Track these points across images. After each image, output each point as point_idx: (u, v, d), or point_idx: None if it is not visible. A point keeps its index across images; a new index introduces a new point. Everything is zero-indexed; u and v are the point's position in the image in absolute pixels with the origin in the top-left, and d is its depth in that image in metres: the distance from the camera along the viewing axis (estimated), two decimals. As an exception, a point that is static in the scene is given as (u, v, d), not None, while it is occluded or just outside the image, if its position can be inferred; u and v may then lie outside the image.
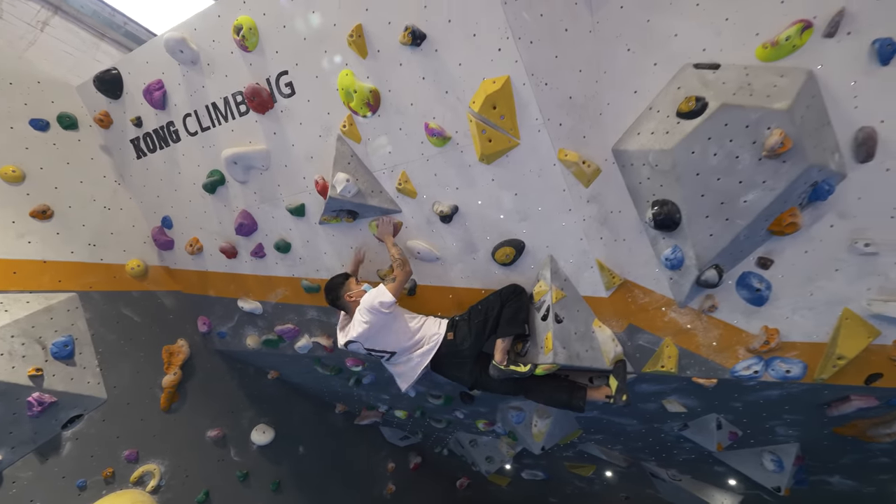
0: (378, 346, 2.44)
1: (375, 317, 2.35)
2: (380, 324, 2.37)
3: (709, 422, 2.96)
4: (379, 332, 2.40)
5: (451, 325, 2.48)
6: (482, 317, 2.41)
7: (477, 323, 2.40)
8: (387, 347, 2.44)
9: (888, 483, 3.28)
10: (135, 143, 3.27)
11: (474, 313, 2.45)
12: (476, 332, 2.39)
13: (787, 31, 1.97)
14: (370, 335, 2.39)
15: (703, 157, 2.04)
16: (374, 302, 2.34)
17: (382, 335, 2.41)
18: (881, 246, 2.05)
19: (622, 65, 2.25)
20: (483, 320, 2.40)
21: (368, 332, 2.37)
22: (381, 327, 2.38)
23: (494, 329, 2.40)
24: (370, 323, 2.35)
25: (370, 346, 2.44)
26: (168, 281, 3.57)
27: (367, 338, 2.40)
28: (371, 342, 2.43)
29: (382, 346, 2.44)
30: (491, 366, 2.35)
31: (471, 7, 2.15)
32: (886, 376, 2.15)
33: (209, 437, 3.55)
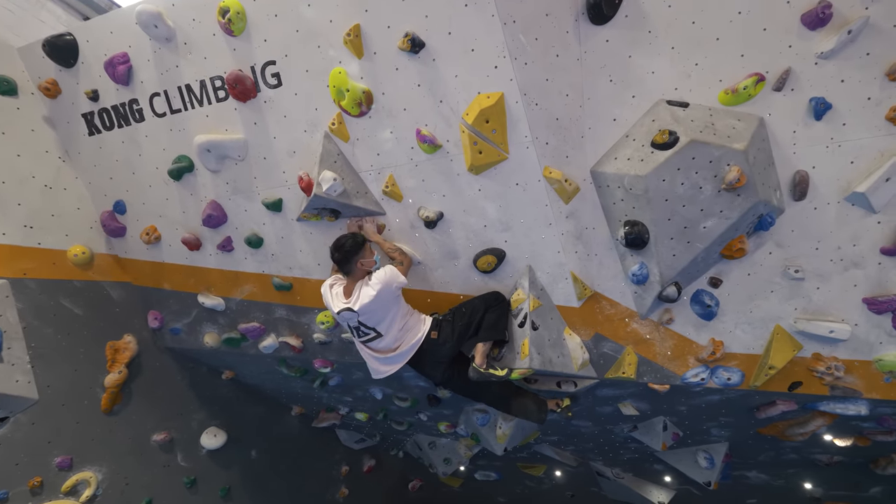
0: (371, 322, 2.39)
1: (386, 294, 2.34)
2: (386, 302, 2.35)
3: (656, 424, 3.26)
4: (380, 310, 2.37)
5: (436, 325, 2.50)
6: (466, 319, 2.47)
7: (461, 325, 2.46)
8: (378, 327, 2.40)
9: (793, 476, 3.79)
10: (88, 117, 2.98)
11: (458, 316, 2.51)
12: (459, 333, 2.45)
13: (745, 82, 2.26)
14: (372, 309, 2.35)
15: (672, 185, 2.27)
16: (393, 280, 2.34)
17: (381, 313, 2.38)
18: (807, 273, 2.39)
19: (604, 94, 2.44)
20: (467, 323, 2.47)
21: (371, 305, 2.33)
22: (384, 305, 2.36)
23: (476, 332, 2.48)
24: (378, 298, 2.32)
25: (365, 320, 2.38)
26: (116, 271, 3.26)
27: (368, 311, 2.35)
28: (368, 316, 2.38)
29: (375, 323, 2.40)
30: (471, 368, 2.42)
31: (472, 23, 2.22)
32: (805, 384, 2.51)
33: (154, 442, 3.28)
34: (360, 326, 2.43)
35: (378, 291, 2.33)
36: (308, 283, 2.99)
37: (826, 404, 2.60)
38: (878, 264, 2.33)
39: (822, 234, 2.35)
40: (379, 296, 2.33)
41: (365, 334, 2.45)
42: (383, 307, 2.37)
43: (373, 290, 2.33)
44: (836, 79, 2.19)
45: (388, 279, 2.35)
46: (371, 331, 2.43)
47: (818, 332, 2.40)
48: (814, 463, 3.49)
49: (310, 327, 3.10)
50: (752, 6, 2.21)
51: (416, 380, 3.38)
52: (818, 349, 2.47)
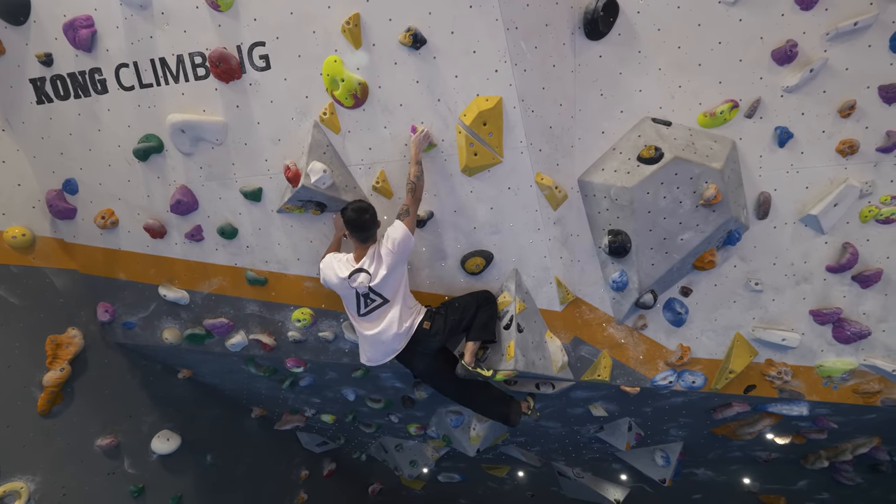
0: (381, 287, 2.30)
1: (402, 253, 2.27)
2: (401, 261, 2.29)
3: (622, 425, 3.43)
4: (394, 272, 2.29)
5: (429, 315, 2.45)
6: (458, 315, 2.45)
7: (452, 320, 2.44)
8: (386, 292, 2.32)
9: (734, 472, 4.13)
10: (37, 83, 2.66)
11: (451, 310, 2.47)
12: (450, 328, 2.42)
13: (721, 107, 2.44)
14: (388, 272, 2.27)
15: (655, 199, 2.40)
16: (408, 237, 2.26)
17: (393, 277, 2.30)
18: (765, 286, 2.63)
19: (595, 106, 2.54)
20: (459, 319, 2.45)
21: (388, 267, 2.25)
22: (398, 265, 2.30)
23: (466, 329, 2.47)
24: (395, 258, 2.25)
25: (375, 284, 2.28)
26: (61, 257, 2.92)
27: (380, 276, 2.27)
28: (380, 281, 2.28)
29: (385, 288, 2.31)
30: (459, 365, 2.41)
31: (475, 25, 2.23)
32: (759, 387, 2.75)
33: (99, 447, 2.96)
34: (369, 293, 2.31)
35: (396, 250, 2.24)
36: (285, 279, 2.85)
37: (774, 406, 2.86)
38: (824, 280, 2.60)
39: (779, 251, 2.58)
40: (396, 255, 2.25)
41: (371, 302, 2.33)
42: (398, 267, 2.30)
43: (391, 249, 2.25)
44: (798, 111, 2.43)
45: (404, 237, 2.25)
46: (378, 297, 2.32)
47: (772, 339, 2.63)
48: (754, 460, 3.83)
49: (284, 325, 2.95)
50: (731, 38, 2.39)
51: (392, 380, 3.32)
52: (771, 355, 2.71)
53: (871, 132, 2.42)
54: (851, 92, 2.38)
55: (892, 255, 2.52)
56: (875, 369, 2.63)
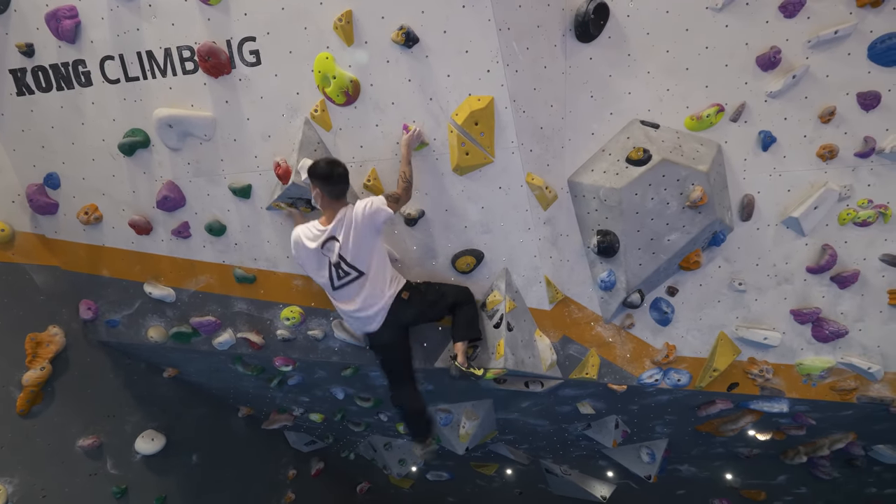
0: (353, 257, 2.22)
1: (373, 221, 2.19)
2: (372, 232, 2.21)
3: (609, 422, 3.48)
4: (365, 242, 2.21)
5: (409, 286, 2.41)
6: (434, 297, 2.44)
7: (429, 300, 2.42)
8: (359, 264, 2.23)
9: (717, 468, 4.22)
10: (17, 74, 2.59)
11: (429, 291, 2.46)
12: (425, 306, 2.40)
13: (708, 111, 2.50)
14: (357, 239, 2.19)
15: (643, 200, 2.44)
16: (381, 208, 2.18)
17: (365, 247, 2.22)
18: (748, 286, 2.69)
19: (585, 108, 2.57)
20: (433, 301, 2.43)
21: (357, 233, 2.18)
22: (369, 235, 2.21)
23: (436, 317, 2.47)
24: (366, 225, 2.18)
25: (346, 253, 2.20)
26: (42, 253, 2.84)
27: (352, 242, 2.19)
28: (351, 249, 2.20)
29: (357, 259, 2.22)
30: (452, 366, 2.41)
31: (468, 25, 2.24)
32: (741, 385, 2.82)
33: (80, 447, 2.89)
34: (340, 263, 2.21)
35: (367, 215, 2.17)
36: (274, 276, 2.82)
37: (755, 403, 2.94)
38: (804, 280, 2.68)
39: (762, 252, 2.65)
40: (367, 222, 2.17)
41: (345, 275, 2.24)
42: (369, 238, 2.21)
43: (360, 215, 2.17)
44: (780, 116, 2.50)
45: (377, 206, 2.18)
46: (352, 269, 2.23)
47: (754, 338, 2.70)
48: (736, 456, 3.93)
49: (272, 323, 2.93)
50: (718, 43, 2.45)
51: (381, 379, 3.31)
52: (753, 354, 2.78)
53: (849, 137, 2.49)
54: (831, 98, 2.46)
55: (869, 256, 2.61)
56: (852, 367, 2.71)
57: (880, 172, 2.52)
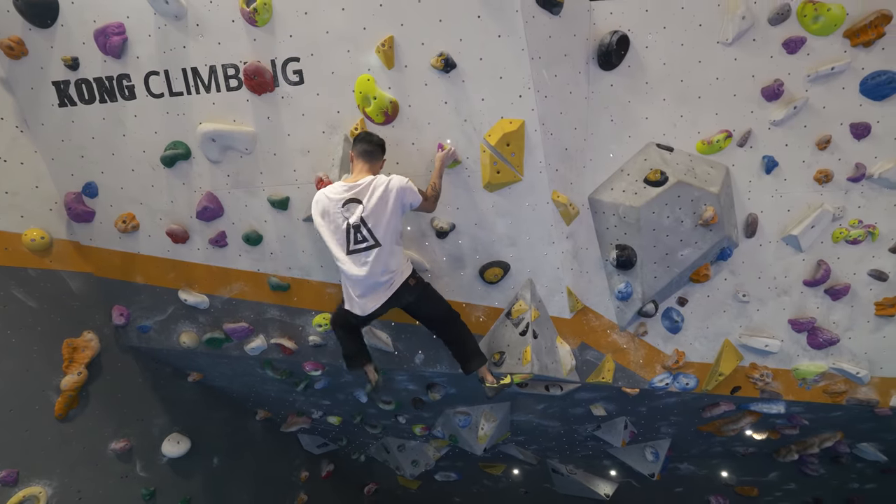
0: (373, 223, 2.21)
1: (400, 197, 2.22)
2: (396, 207, 2.23)
3: (618, 423, 3.68)
4: (388, 212, 2.22)
5: (415, 274, 2.45)
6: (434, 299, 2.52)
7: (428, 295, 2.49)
8: (378, 231, 2.22)
9: (714, 466, 4.47)
10: (61, 86, 2.65)
11: (431, 289, 2.53)
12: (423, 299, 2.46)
13: (717, 136, 2.71)
14: (380, 207, 2.20)
15: (660, 218, 2.64)
16: (411, 189, 2.24)
17: (387, 218, 2.22)
18: (751, 297, 2.92)
19: (605, 131, 2.77)
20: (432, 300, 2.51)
21: (381, 201, 2.20)
22: (394, 208, 2.23)
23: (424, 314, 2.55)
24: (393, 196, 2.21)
25: (369, 218, 2.20)
26: (77, 260, 2.89)
27: (376, 208, 2.20)
28: (372, 214, 2.20)
29: (376, 225, 2.21)
30: (486, 389, 2.54)
31: (502, 53, 2.41)
32: (743, 388, 3.04)
33: (112, 450, 2.94)
34: (360, 226, 2.20)
35: (400, 189, 2.20)
36: (307, 285, 2.94)
37: (755, 405, 3.17)
38: (801, 293, 2.92)
39: (764, 266, 2.88)
40: (398, 195, 2.20)
41: (362, 239, 2.22)
42: (393, 211, 2.22)
43: (395, 187, 2.20)
44: (782, 143, 2.73)
45: (412, 188, 2.24)
46: (370, 236, 2.21)
47: (756, 345, 2.93)
48: (733, 454, 4.18)
49: (304, 329, 3.03)
50: (727, 75, 2.67)
51: (405, 383, 3.45)
52: (754, 360, 3.01)
53: (843, 164, 2.74)
54: (828, 128, 2.70)
55: (858, 271, 2.86)
56: (842, 372, 2.97)
57: (869, 196, 2.77)
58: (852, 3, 2.56)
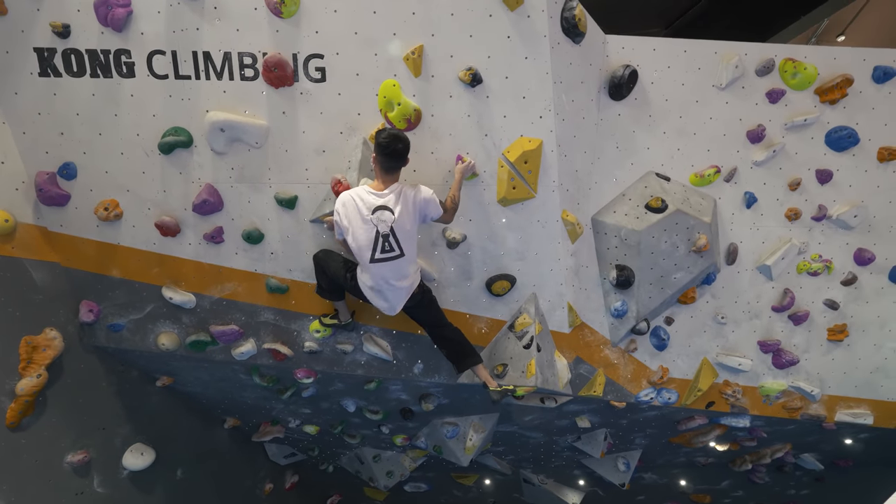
0: (401, 234, 2.23)
1: (426, 209, 2.27)
2: (418, 219, 2.28)
3: (598, 435, 3.83)
4: (412, 225, 2.26)
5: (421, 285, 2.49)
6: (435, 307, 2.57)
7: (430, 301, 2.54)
8: (403, 241, 2.25)
9: (674, 476, 4.77)
10: (45, 54, 2.37)
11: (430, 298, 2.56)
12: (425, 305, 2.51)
13: (708, 171, 2.96)
14: (409, 217, 2.23)
15: (658, 242, 2.83)
16: (436, 201, 2.29)
17: (411, 229, 2.26)
18: (728, 319, 3.19)
19: (611, 156, 2.93)
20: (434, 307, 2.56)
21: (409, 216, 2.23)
22: (415, 222, 2.27)
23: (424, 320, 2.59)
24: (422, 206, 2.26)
25: (398, 229, 2.21)
26: (43, 247, 2.57)
27: (405, 218, 2.22)
28: (401, 225, 2.21)
29: (402, 235, 2.24)
30: (491, 392, 2.56)
31: (528, 74, 2.49)
32: (717, 404, 3.30)
33: (68, 464, 2.60)
34: (389, 236, 2.21)
35: (426, 201, 2.25)
36: (307, 288, 2.81)
37: (725, 418, 3.44)
38: (769, 317, 3.23)
39: (740, 292, 3.16)
40: (422, 207, 2.25)
41: (389, 249, 2.23)
42: (415, 222, 2.27)
43: (421, 199, 2.24)
44: (761, 181, 3.04)
45: (436, 200, 2.28)
46: (395, 245, 2.23)
47: (730, 364, 3.20)
48: (693, 464, 4.48)
49: (299, 335, 2.89)
50: (719, 116, 2.93)
51: (398, 392, 3.37)
52: (727, 377, 3.28)
53: (809, 204, 3.09)
54: (798, 171, 3.04)
55: (816, 300, 3.22)
56: (798, 390, 3.31)
57: (828, 234, 3.14)
58: (824, 64, 2.93)
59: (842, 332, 3.23)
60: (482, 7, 2.41)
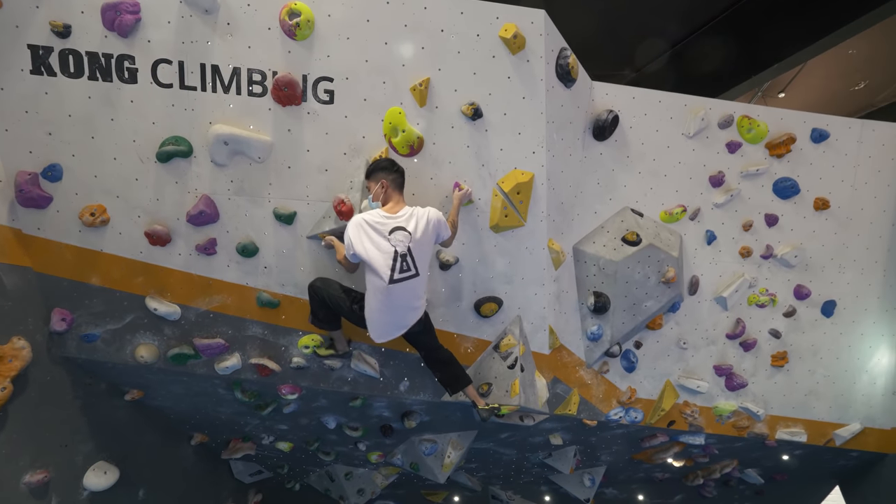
0: (417, 253, 2.31)
1: (437, 229, 2.39)
2: (431, 240, 2.38)
3: (569, 452, 4.00)
4: (427, 245, 2.35)
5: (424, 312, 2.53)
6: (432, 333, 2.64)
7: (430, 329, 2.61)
8: (419, 261, 2.32)
9: (633, 490, 5.04)
10: (39, 52, 2.30)
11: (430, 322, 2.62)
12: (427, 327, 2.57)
13: (676, 209, 3.29)
14: (423, 240, 2.32)
15: (632, 272, 3.09)
16: (441, 218, 2.42)
17: (426, 252, 2.36)
18: (689, 345, 3.49)
19: (592, 192, 3.19)
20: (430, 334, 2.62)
21: (424, 236, 2.32)
22: (429, 242, 2.37)
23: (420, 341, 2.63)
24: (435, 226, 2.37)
25: (415, 248, 2.29)
26: (16, 251, 2.42)
27: (421, 238, 2.31)
28: (417, 245, 2.30)
29: (419, 255, 2.32)
30: (479, 411, 2.65)
31: (524, 112, 2.70)
32: (677, 423, 3.57)
33: (26, 484, 2.40)
34: (406, 255, 2.27)
35: (438, 223, 2.38)
36: (298, 303, 2.81)
37: (683, 436, 3.73)
38: (724, 344, 3.57)
39: (700, 320, 3.48)
40: (434, 228, 2.36)
41: (406, 268, 2.28)
42: (429, 242, 2.36)
43: (433, 219, 2.36)
44: (720, 221, 3.40)
45: (442, 220, 2.41)
46: (413, 265, 2.29)
47: (690, 386, 3.49)
48: (651, 479, 4.76)
49: (287, 350, 2.87)
50: (686, 160, 3.28)
51: (382, 409, 3.39)
52: (687, 398, 3.57)
53: (758, 243, 3.49)
54: (751, 214, 3.43)
55: (763, 329, 3.60)
56: (746, 410, 3.65)
57: (774, 271, 3.55)
58: (773, 123, 3.36)
59: (783, 359, 3.62)
60: (487, 48, 2.60)
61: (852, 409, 3.83)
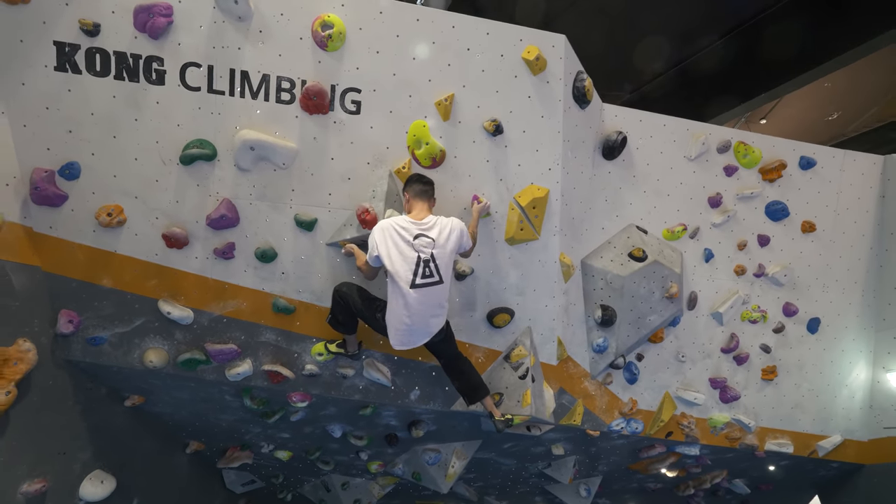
0: (440, 261, 2.35)
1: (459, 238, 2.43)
2: (454, 249, 2.42)
3: (568, 462, 4.06)
4: (450, 254, 2.39)
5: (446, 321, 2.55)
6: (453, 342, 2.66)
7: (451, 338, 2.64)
8: (442, 268, 2.36)
9: (626, 500, 5.13)
10: (66, 49, 2.26)
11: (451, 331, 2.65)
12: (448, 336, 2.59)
13: (677, 227, 3.44)
14: (447, 248, 2.37)
15: (638, 287, 3.21)
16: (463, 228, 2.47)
17: (449, 260, 2.40)
18: (687, 358, 3.63)
19: (600, 208, 3.31)
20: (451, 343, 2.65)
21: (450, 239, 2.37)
22: (453, 251, 2.41)
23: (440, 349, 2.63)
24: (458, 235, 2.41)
25: (439, 255, 2.33)
26: (27, 250, 2.33)
27: (444, 245, 2.36)
28: (440, 253, 2.34)
29: (442, 262, 2.36)
30: (496, 422, 2.68)
31: (543, 131, 2.80)
32: (674, 434, 3.69)
33: (22, 494, 2.28)
34: (430, 261, 2.31)
35: (462, 232, 2.43)
36: (314, 310, 2.80)
37: (679, 447, 3.84)
38: (718, 357, 3.72)
39: (697, 334, 3.63)
40: (457, 237, 2.41)
41: (429, 274, 2.31)
42: (452, 251, 2.40)
43: (457, 229, 2.42)
44: (717, 240, 3.57)
45: (465, 230, 2.47)
46: (436, 271, 2.33)
47: (687, 398, 3.62)
48: (644, 489, 4.86)
49: (300, 357, 2.84)
50: (687, 182, 3.45)
51: (389, 418, 3.37)
52: (684, 410, 3.69)
53: (751, 262, 3.68)
54: (745, 235, 3.63)
55: (754, 344, 3.78)
56: (738, 422, 3.80)
57: (765, 289, 3.74)
58: (766, 150, 3.58)
59: (772, 373, 3.81)
60: (510, 68, 2.70)
61: (833, 422, 4.04)
